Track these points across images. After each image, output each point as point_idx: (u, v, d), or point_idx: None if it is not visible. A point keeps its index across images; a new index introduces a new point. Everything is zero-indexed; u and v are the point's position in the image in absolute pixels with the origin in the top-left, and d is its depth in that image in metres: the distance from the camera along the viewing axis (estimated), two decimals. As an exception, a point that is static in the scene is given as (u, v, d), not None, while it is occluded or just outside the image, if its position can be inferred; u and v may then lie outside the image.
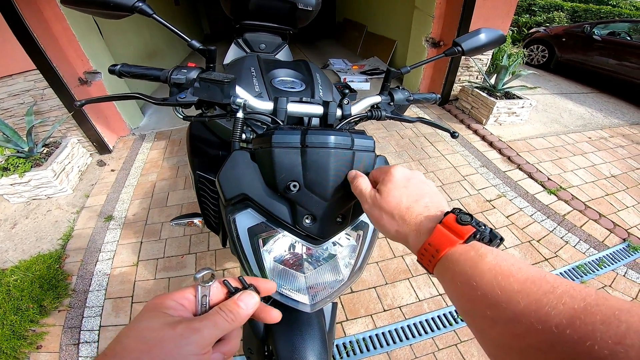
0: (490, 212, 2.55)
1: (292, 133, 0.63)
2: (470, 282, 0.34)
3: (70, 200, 2.67)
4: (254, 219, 0.69)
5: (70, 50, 2.77)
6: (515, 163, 3.09)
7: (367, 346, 1.71)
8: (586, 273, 2.14)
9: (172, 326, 0.33)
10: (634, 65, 4.94)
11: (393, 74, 0.95)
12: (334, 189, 0.63)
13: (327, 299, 0.77)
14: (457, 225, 0.39)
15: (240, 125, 0.75)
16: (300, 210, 0.64)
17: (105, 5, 0.72)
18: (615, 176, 3.06)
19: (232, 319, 0.36)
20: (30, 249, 2.23)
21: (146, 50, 4.88)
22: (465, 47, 0.93)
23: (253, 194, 0.65)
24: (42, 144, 2.68)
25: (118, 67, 0.79)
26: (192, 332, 0.33)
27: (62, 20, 2.63)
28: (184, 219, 1.62)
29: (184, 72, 0.79)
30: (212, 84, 0.76)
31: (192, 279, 0.40)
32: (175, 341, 0.32)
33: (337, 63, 5.53)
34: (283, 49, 2.07)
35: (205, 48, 0.78)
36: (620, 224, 2.51)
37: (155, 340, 0.32)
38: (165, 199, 2.63)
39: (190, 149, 1.30)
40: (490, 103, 3.59)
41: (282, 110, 0.85)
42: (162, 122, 3.72)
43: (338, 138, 0.63)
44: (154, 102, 0.81)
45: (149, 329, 0.33)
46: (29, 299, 1.85)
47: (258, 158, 0.66)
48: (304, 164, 0.62)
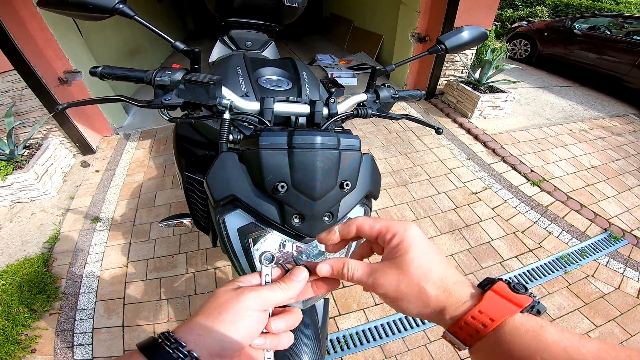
0: (477, 205, 2.60)
1: (279, 134, 0.64)
2: (535, 357, 0.29)
3: (54, 202, 2.61)
4: (243, 219, 0.69)
5: (48, 50, 2.69)
6: (499, 155, 3.16)
7: (361, 340, 1.74)
8: (569, 263, 2.20)
9: (241, 289, 0.41)
10: (613, 59, 5.07)
11: (378, 72, 0.97)
12: (321, 189, 0.64)
13: (318, 296, 0.78)
14: (513, 293, 0.34)
15: (227, 126, 0.76)
16: (288, 210, 0.65)
17: (83, 7, 0.71)
18: (595, 167, 3.16)
19: (286, 287, 0.42)
20: (17, 253, 2.20)
21: (128, 48, 4.76)
22: (448, 45, 0.95)
23: (241, 195, 0.66)
24: (23, 145, 2.61)
25: (99, 69, 0.78)
26: (250, 290, 0.40)
27: (38, 20, 2.55)
28: (173, 220, 1.61)
29: (169, 74, 0.78)
30: (197, 86, 0.76)
31: (258, 259, 0.52)
32: (238, 297, 0.39)
33: (325, 59, 5.51)
34: (269, 46, 2.06)
35: (189, 49, 0.77)
36: (601, 214, 2.59)
37: (224, 298, 0.39)
38: (152, 198, 2.60)
39: (176, 149, 1.29)
40: (474, 97, 3.65)
41: (269, 110, 0.85)
42: (147, 121, 3.66)
43: (324, 138, 0.63)
44: (139, 104, 0.80)
45: (222, 291, 0.41)
46: (18, 303, 1.83)
47: (246, 159, 0.67)
48: (291, 165, 0.62)
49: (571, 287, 2.07)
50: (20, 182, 2.41)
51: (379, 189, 0.79)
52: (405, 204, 2.59)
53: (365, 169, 0.73)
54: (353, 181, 0.68)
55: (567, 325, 1.83)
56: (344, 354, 1.68)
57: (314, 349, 0.81)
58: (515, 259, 2.21)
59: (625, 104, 4.77)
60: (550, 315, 1.90)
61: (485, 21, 3.78)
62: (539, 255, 2.25)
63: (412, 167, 2.99)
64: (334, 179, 0.65)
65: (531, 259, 2.22)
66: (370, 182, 0.74)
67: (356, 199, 0.72)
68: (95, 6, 0.71)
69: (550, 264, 2.20)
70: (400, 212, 2.50)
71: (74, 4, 0.71)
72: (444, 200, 2.63)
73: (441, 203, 2.61)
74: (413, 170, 2.95)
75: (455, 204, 2.60)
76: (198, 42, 6.98)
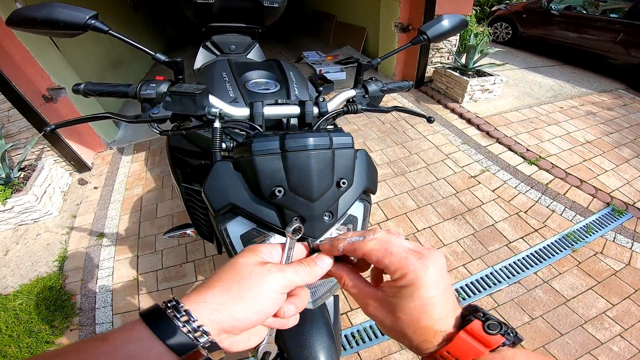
0: (477, 188, 2.63)
1: (271, 139, 0.64)
2: None
3: (57, 222, 2.59)
4: (244, 226, 0.69)
5: (27, 67, 2.62)
6: (494, 137, 3.18)
7: (375, 333, 1.75)
8: (576, 241, 2.20)
9: (262, 264, 0.39)
10: (594, 37, 5.08)
11: (365, 66, 0.97)
12: (319, 189, 0.64)
13: (327, 294, 0.78)
14: (484, 334, 0.33)
15: (218, 135, 0.75)
16: (288, 213, 0.65)
17: (54, 25, 0.70)
18: (590, 142, 3.20)
19: (309, 271, 0.41)
20: (28, 273, 2.20)
21: (110, 61, 4.65)
22: (430, 34, 0.96)
23: (240, 202, 0.66)
24: (18, 168, 2.58)
25: (82, 86, 0.77)
26: (277, 270, 0.39)
27: (11, 37, 2.48)
28: (177, 231, 1.59)
29: (153, 87, 0.77)
30: (183, 97, 0.75)
31: (285, 232, 0.46)
32: (262, 275, 0.37)
33: (311, 55, 5.50)
34: (254, 48, 2.05)
35: (171, 60, 0.77)
36: (602, 189, 2.61)
37: (246, 272, 0.37)
38: (154, 210, 2.59)
39: (171, 161, 1.28)
40: (463, 82, 3.67)
41: (259, 115, 0.85)
42: (139, 133, 3.62)
43: (317, 139, 0.64)
44: (127, 120, 0.79)
45: (243, 264, 0.39)
46: (38, 321, 1.86)
47: (240, 167, 0.67)
48: (286, 169, 0.63)
49: (581, 265, 2.07)
50: (21, 205, 2.39)
51: (376, 183, 0.79)
52: (405, 193, 2.60)
53: (360, 164, 0.73)
54: (349, 178, 0.68)
55: (584, 306, 1.84)
56: (360, 348, 1.69)
57: (328, 347, 0.82)
58: (521, 240, 2.22)
59: (611, 79, 4.81)
60: (565, 296, 1.90)
61: (464, 7, 3.80)
62: (544, 235, 2.26)
63: (409, 156, 3.01)
64: (330, 178, 0.65)
65: (537, 239, 2.23)
66: (366, 177, 0.74)
67: (355, 195, 0.72)
68: (66, 24, 0.70)
69: (557, 243, 2.20)
70: (401, 202, 2.52)
71: (44, 23, 0.70)
72: (444, 186, 2.66)
73: (441, 189, 2.63)
74: (410, 159, 2.97)
75: (455, 189, 2.63)
76: (181, 49, 6.90)
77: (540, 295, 1.90)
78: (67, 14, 0.69)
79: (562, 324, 1.77)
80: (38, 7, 0.70)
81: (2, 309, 1.92)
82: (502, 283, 1.96)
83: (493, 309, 1.83)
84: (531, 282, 1.97)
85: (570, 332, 1.73)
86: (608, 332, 1.73)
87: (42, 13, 0.69)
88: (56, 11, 0.69)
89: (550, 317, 1.80)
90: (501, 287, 1.94)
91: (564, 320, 1.78)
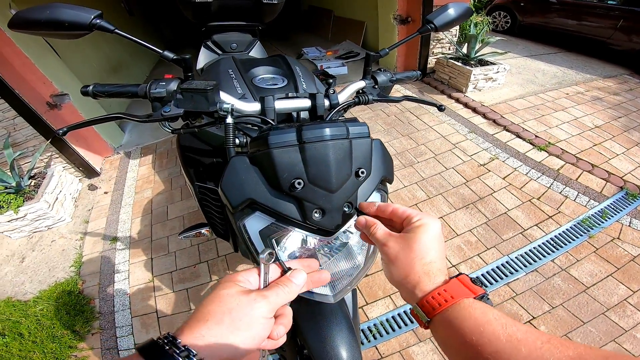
0: (487, 176, 2.61)
1: (287, 131, 0.63)
2: (479, 328, 0.37)
3: (71, 228, 2.61)
4: (263, 221, 0.68)
5: (28, 74, 2.60)
6: (501, 125, 3.17)
7: (392, 326, 1.75)
8: (592, 227, 2.18)
9: (246, 293, 0.41)
10: (594, 24, 5.03)
11: (373, 57, 0.97)
12: (338, 180, 0.63)
13: (347, 287, 0.77)
14: (472, 284, 0.43)
15: (231, 130, 0.74)
16: (307, 205, 0.64)
17: (59, 26, 0.69)
18: (599, 127, 3.17)
19: (288, 291, 0.44)
20: (46, 279, 2.23)
21: (109, 64, 4.65)
22: (437, 23, 0.96)
23: (259, 197, 0.65)
24: (28, 176, 2.58)
25: (90, 87, 0.76)
26: (262, 298, 0.41)
27: (9, 44, 2.45)
28: (191, 231, 1.59)
29: (163, 85, 0.76)
30: (195, 94, 0.74)
31: (259, 258, 0.48)
32: (250, 305, 0.40)
33: (311, 52, 5.48)
34: (255, 46, 2.04)
35: (180, 57, 0.76)
36: (614, 172, 2.59)
37: (233, 303, 0.39)
38: (165, 213, 2.60)
39: (183, 161, 1.27)
40: (466, 72, 3.65)
41: (270, 109, 0.85)
42: (145, 136, 3.62)
43: (333, 129, 0.63)
44: (139, 120, 0.78)
45: (228, 295, 0.40)
46: (60, 326, 1.88)
47: (257, 161, 0.65)
48: (305, 160, 0.62)
49: (599, 251, 2.04)
50: (33, 213, 2.40)
51: (392, 173, 0.79)
52: (414, 184, 2.59)
53: (376, 154, 0.72)
54: (367, 168, 0.67)
55: (604, 293, 1.82)
56: (378, 342, 1.69)
57: (350, 342, 0.81)
58: (536, 228, 2.20)
59: (615, 65, 4.75)
60: (584, 283, 1.88)
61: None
62: (559, 221, 2.24)
63: (416, 146, 3.00)
64: (348, 168, 0.64)
65: (552, 226, 2.21)
66: (383, 167, 0.74)
67: (372, 185, 0.71)
68: (71, 24, 0.69)
69: (573, 229, 2.18)
70: (411, 193, 2.51)
71: (49, 24, 0.69)
72: (453, 176, 2.64)
73: (451, 179, 2.62)
74: (417, 150, 2.95)
75: (465, 178, 2.61)
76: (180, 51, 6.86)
77: (559, 284, 1.88)
78: (72, 14, 0.68)
79: (583, 312, 1.75)
80: (41, 8, 0.69)
81: (23, 315, 1.93)
82: (519, 272, 1.94)
83: (511, 299, 1.82)
84: (549, 270, 1.95)
85: (592, 320, 1.71)
86: (631, 320, 1.71)
87: (45, 14, 0.68)
88: (60, 11, 0.68)
89: (571, 305, 1.78)
90: (518, 276, 1.92)
91: (585, 309, 1.77)
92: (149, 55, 6.40)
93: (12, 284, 2.22)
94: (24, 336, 1.82)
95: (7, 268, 2.34)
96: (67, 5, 0.69)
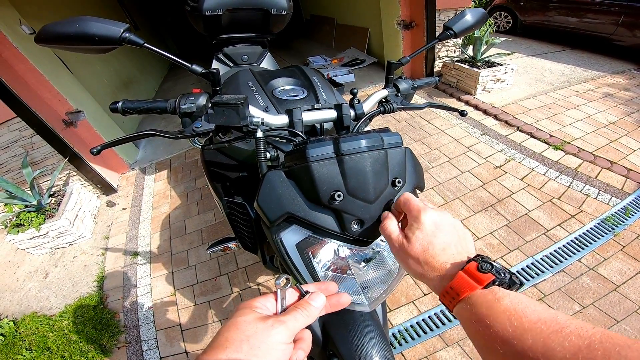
0: (504, 178, 2.59)
1: (325, 144, 0.63)
2: (485, 321, 0.38)
3: (92, 244, 2.65)
4: (300, 234, 0.68)
5: (44, 92, 2.63)
6: (514, 126, 3.15)
7: (417, 332, 1.73)
8: (616, 224, 2.14)
9: (264, 319, 0.40)
10: (595, 21, 4.99)
11: (395, 65, 0.97)
12: (376, 190, 0.64)
13: (383, 295, 0.76)
14: (478, 273, 0.43)
15: (262, 144, 0.74)
16: (346, 217, 0.64)
17: (89, 40, 0.68)
18: (613, 123, 3.13)
19: (307, 314, 0.44)
20: (70, 294, 2.26)
21: (120, 80, 4.72)
22: (456, 29, 0.97)
23: (297, 211, 0.65)
24: (48, 194, 2.63)
25: (120, 104, 0.76)
26: (280, 324, 0.40)
27: (24, 61, 2.48)
28: (219, 245, 1.58)
29: (192, 100, 0.76)
30: (226, 108, 0.74)
31: (274, 284, 0.51)
32: (268, 331, 0.39)
33: (317, 60, 5.52)
34: (266, 57, 2.06)
35: (208, 71, 0.76)
36: (634, 169, 2.55)
37: (251, 331, 0.39)
38: (183, 227, 2.62)
39: (209, 176, 1.27)
40: (474, 74, 3.66)
41: (299, 121, 0.85)
42: (159, 152, 3.67)
43: (369, 140, 0.64)
44: (171, 137, 0.78)
45: (245, 322, 0.40)
46: (86, 340, 1.90)
47: (294, 175, 0.66)
48: (343, 173, 0.62)
49: (626, 249, 2.00)
50: (55, 230, 2.44)
51: (423, 180, 0.78)
52: (431, 189, 2.58)
53: (409, 162, 0.72)
54: (403, 177, 0.68)
55: (636, 291, 1.78)
56: (404, 349, 1.67)
57: (383, 349, 0.80)
58: (559, 228, 2.17)
59: (621, 60, 4.70)
60: (614, 282, 1.84)
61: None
62: (582, 220, 2.20)
63: (430, 151, 2.99)
64: (385, 179, 0.65)
65: (575, 225, 2.18)
66: (415, 175, 0.74)
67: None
68: (101, 38, 0.68)
69: (597, 227, 2.14)
70: (428, 198, 2.50)
71: (78, 38, 0.67)
72: (470, 179, 2.63)
73: (467, 182, 2.60)
74: (431, 155, 2.95)
75: (481, 181, 2.60)
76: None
77: (588, 283, 1.85)
78: (102, 28, 0.67)
79: (615, 310, 1.72)
80: (69, 22, 0.67)
81: (49, 329, 1.97)
82: (545, 273, 1.91)
83: (540, 300, 1.79)
84: (576, 269, 1.92)
85: (626, 319, 1.68)
86: (665, 317, 1.67)
87: (74, 28, 0.67)
88: (90, 25, 0.67)
89: (602, 304, 1.75)
90: (545, 277, 1.90)
91: (618, 307, 1.73)
92: (158, 70, 6.51)
93: (37, 299, 2.25)
94: (52, 350, 1.84)
95: (30, 284, 2.38)
96: (95, 18, 0.68)
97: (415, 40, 4.16)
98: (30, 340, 1.89)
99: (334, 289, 0.53)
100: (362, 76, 4.83)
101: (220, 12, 1.70)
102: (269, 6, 1.77)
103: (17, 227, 2.36)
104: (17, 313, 2.17)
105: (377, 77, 4.68)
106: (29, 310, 2.16)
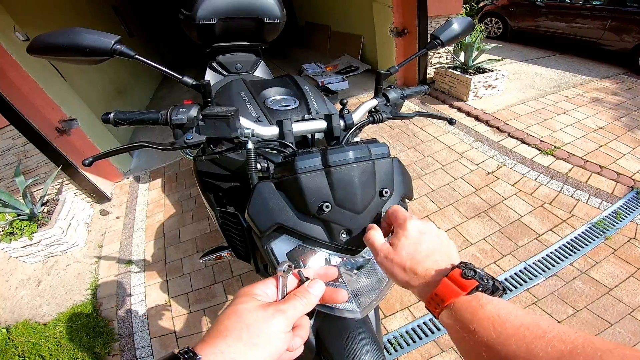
0: (496, 184, 2.62)
1: (312, 156, 0.65)
2: (469, 327, 0.39)
3: (85, 252, 2.63)
4: (290, 243, 0.69)
5: (36, 99, 2.60)
6: (505, 132, 3.19)
7: (412, 338, 1.74)
8: (607, 228, 2.17)
9: (263, 307, 0.41)
10: (583, 26, 5.10)
11: (384, 75, 0.98)
12: (364, 201, 0.65)
13: (374, 302, 0.76)
14: (462, 279, 0.43)
15: (253, 156, 0.75)
16: (335, 227, 0.65)
17: (80, 52, 0.69)
18: (602, 128, 3.19)
19: (306, 302, 0.45)
20: (63, 302, 2.24)
21: (114, 88, 4.68)
22: (443, 38, 0.99)
23: (286, 221, 0.66)
24: (41, 203, 2.61)
25: (112, 115, 0.76)
26: (279, 312, 0.41)
27: (17, 68, 2.45)
28: (212, 255, 1.58)
29: (183, 111, 0.76)
30: (217, 120, 0.75)
31: (276, 271, 0.49)
32: (268, 320, 0.40)
33: (311, 68, 5.55)
34: (259, 65, 2.07)
35: (199, 83, 0.77)
36: (623, 173, 2.59)
37: (251, 319, 0.39)
38: (177, 235, 2.61)
39: (202, 186, 1.28)
40: (466, 80, 3.71)
41: (289, 132, 0.86)
42: (153, 160, 3.64)
43: (357, 152, 0.65)
44: (163, 148, 0.78)
45: (245, 310, 0.41)
46: (80, 347, 1.88)
47: (284, 186, 0.67)
48: (331, 184, 0.63)
49: (617, 252, 2.03)
50: (47, 239, 2.42)
51: (412, 189, 0.80)
52: (424, 196, 2.60)
53: (396, 172, 0.74)
54: (390, 187, 0.69)
55: (628, 294, 1.81)
56: (399, 354, 1.68)
57: (375, 353, 0.81)
58: (551, 232, 2.20)
59: (610, 65, 4.80)
60: (606, 285, 1.86)
61: (455, 6, 3.88)
62: (573, 225, 2.23)
63: (422, 158, 3.02)
64: (373, 189, 0.66)
65: (567, 230, 2.20)
66: (403, 185, 0.75)
67: (394, 203, 0.72)
68: (92, 49, 0.68)
69: (588, 232, 2.18)
70: (421, 205, 2.52)
71: (70, 49, 0.68)
72: (462, 185, 2.65)
73: (460, 188, 2.63)
74: (424, 162, 2.97)
75: (474, 187, 2.62)
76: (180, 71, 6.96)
77: (581, 287, 1.87)
78: (93, 39, 0.68)
79: (609, 313, 1.74)
80: (61, 33, 0.68)
81: (42, 337, 1.95)
82: (538, 277, 1.93)
83: (533, 304, 1.81)
84: (568, 273, 1.95)
85: (620, 322, 1.70)
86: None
87: (66, 39, 0.68)
88: (81, 36, 0.68)
89: (596, 307, 1.77)
90: (538, 281, 1.91)
91: (611, 310, 1.75)
92: (152, 78, 6.50)
93: (30, 307, 2.24)
94: (45, 358, 1.83)
95: (23, 292, 2.36)
96: (87, 29, 0.69)
97: (408, 47, 4.21)
98: (23, 348, 1.88)
99: (334, 274, 0.55)
100: (356, 83, 4.86)
101: (213, 20, 1.71)
102: (262, 15, 1.78)
103: (10, 236, 2.33)
104: (9, 320, 2.15)
105: (371, 84, 4.68)
106: (21, 317, 2.14)
